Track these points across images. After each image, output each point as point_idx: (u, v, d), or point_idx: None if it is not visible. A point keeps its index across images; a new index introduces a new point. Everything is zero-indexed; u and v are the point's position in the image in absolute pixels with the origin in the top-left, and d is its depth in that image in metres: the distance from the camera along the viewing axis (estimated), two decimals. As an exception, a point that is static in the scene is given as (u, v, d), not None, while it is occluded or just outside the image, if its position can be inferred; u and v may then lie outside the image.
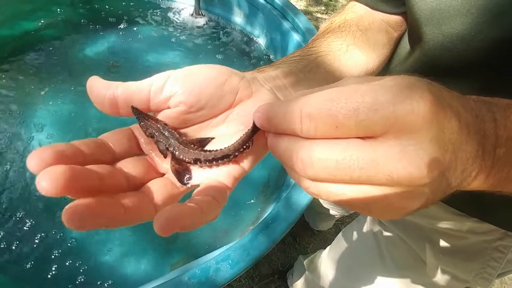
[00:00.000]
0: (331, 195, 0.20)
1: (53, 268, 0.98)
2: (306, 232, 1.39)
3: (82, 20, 1.67)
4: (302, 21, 1.43)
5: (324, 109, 0.18)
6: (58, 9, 1.67)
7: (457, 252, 0.54)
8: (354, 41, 0.45)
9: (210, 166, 0.26)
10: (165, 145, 0.26)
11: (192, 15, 1.76)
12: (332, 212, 1.07)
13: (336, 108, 0.17)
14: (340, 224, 1.42)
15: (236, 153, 0.25)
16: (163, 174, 0.27)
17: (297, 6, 1.53)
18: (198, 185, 0.26)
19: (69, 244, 1.02)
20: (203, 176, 0.26)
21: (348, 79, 0.21)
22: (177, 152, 0.25)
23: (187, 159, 0.25)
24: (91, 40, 1.61)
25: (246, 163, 0.27)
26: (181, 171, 0.26)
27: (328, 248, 0.91)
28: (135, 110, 0.26)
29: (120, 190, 0.23)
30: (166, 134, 0.26)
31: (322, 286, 0.89)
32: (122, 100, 0.25)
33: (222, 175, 0.26)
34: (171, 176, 0.26)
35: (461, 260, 0.54)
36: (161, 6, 1.80)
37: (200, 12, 1.74)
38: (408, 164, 0.17)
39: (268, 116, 0.21)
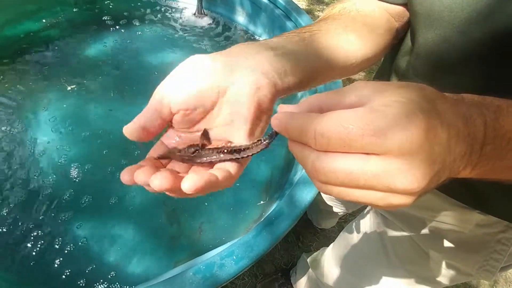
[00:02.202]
0: (341, 195, 0.24)
1: (60, 266, 0.98)
2: (309, 230, 1.39)
3: (85, 20, 1.68)
4: (305, 21, 1.43)
5: (335, 131, 0.21)
6: (62, 9, 1.68)
7: (460, 245, 0.54)
8: (353, 24, 0.45)
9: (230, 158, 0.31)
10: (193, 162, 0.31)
11: (194, 14, 1.76)
12: (335, 209, 1.07)
13: (345, 132, 0.21)
14: (343, 222, 1.42)
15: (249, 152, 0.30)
16: None
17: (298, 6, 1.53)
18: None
19: (76, 243, 1.03)
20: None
21: (356, 85, 0.25)
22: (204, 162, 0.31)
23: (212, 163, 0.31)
24: (94, 40, 1.62)
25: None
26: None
27: (331, 245, 0.91)
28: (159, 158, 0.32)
29: None
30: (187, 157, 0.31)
31: (326, 283, 0.90)
32: (150, 127, 0.31)
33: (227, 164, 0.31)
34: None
35: (464, 253, 0.54)
36: (164, 5, 1.81)
37: (202, 11, 1.75)
38: (404, 179, 0.21)
39: (286, 127, 0.25)
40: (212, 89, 0.30)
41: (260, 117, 0.31)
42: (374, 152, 0.21)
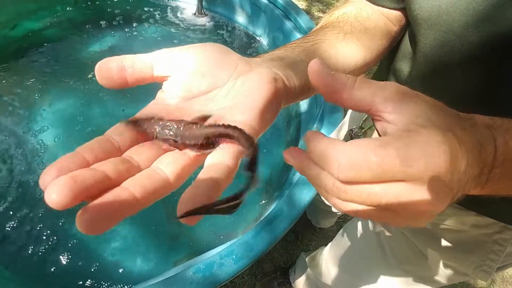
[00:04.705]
0: (358, 214, 0.24)
1: (59, 265, 0.99)
2: (308, 229, 1.40)
3: (86, 19, 1.68)
4: (304, 21, 1.43)
5: (366, 162, 0.21)
6: (62, 9, 1.68)
7: (457, 246, 0.54)
8: (351, 30, 0.45)
9: (218, 140, 0.26)
10: (174, 139, 0.26)
11: (194, 14, 1.77)
12: (334, 209, 1.08)
13: (377, 162, 0.21)
14: (342, 221, 1.43)
15: (239, 134, 0.26)
16: None
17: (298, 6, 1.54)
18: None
19: (74, 242, 1.03)
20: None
21: (391, 85, 0.25)
22: (187, 141, 0.26)
23: (199, 142, 0.26)
24: (94, 39, 1.63)
25: (256, 124, 0.28)
26: (204, 146, 0.26)
27: (329, 244, 0.91)
28: (130, 123, 0.26)
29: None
30: (167, 130, 0.26)
31: (324, 282, 0.90)
32: (129, 66, 0.28)
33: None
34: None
35: (461, 253, 0.55)
36: (164, 5, 1.81)
37: (202, 11, 1.75)
38: (425, 205, 0.21)
39: (309, 147, 0.24)
40: (232, 63, 0.29)
41: (269, 109, 0.29)
42: (401, 179, 0.21)
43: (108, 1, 1.76)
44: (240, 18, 1.75)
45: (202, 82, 0.29)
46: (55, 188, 0.19)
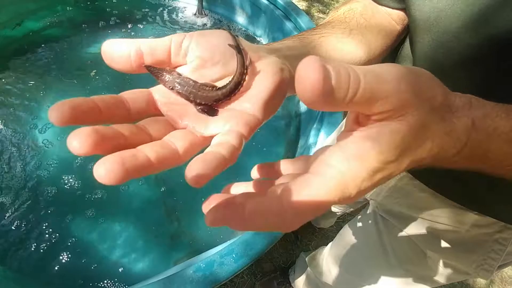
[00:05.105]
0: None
1: (60, 264, 0.99)
2: (307, 229, 1.40)
3: (86, 19, 1.68)
4: (304, 21, 1.44)
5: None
6: (62, 8, 1.68)
7: (458, 245, 0.55)
8: (357, 26, 0.46)
9: (229, 99, 0.29)
10: (186, 94, 0.28)
11: (195, 14, 1.77)
12: (333, 209, 1.08)
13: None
14: (342, 222, 1.43)
15: (244, 77, 0.28)
16: None
17: (298, 6, 1.54)
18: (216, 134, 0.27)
19: (74, 242, 1.03)
20: (220, 126, 0.27)
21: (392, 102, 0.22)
22: (198, 100, 0.28)
23: (209, 103, 0.28)
24: (94, 39, 1.63)
25: (260, 114, 0.28)
26: (207, 109, 0.28)
27: (330, 244, 0.91)
28: (149, 67, 0.28)
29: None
30: (182, 83, 0.28)
31: (324, 282, 0.90)
32: (148, 54, 0.28)
33: (238, 125, 0.27)
34: (190, 129, 0.28)
35: (462, 252, 0.55)
36: (165, 5, 1.82)
37: (203, 11, 1.75)
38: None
39: None
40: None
41: (274, 99, 0.29)
42: None
43: (108, 1, 1.76)
44: (240, 19, 1.75)
45: (214, 70, 0.29)
46: (78, 137, 0.20)
